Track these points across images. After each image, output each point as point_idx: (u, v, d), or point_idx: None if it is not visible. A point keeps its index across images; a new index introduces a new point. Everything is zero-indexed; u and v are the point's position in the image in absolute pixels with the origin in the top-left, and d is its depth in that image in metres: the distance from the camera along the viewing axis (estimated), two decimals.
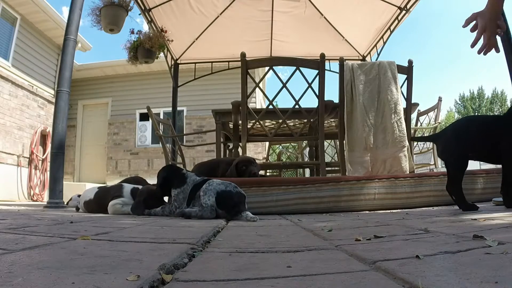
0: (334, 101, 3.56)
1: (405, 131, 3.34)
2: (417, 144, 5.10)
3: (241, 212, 2.01)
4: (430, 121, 5.20)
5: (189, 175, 2.32)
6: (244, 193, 2.15)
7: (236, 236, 1.28)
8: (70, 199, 4.34)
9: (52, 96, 8.18)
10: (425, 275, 0.58)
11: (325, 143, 5.06)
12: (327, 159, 5.64)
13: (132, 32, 5.38)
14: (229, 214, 2.03)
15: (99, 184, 6.17)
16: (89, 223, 1.67)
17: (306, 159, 6.01)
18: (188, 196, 2.22)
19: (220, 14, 5.97)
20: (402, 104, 3.42)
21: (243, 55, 3.25)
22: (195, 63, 6.75)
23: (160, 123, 5.07)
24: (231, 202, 2.03)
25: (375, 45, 6.41)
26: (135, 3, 5.04)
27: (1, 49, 7.17)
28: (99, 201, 2.74)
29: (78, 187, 7.47)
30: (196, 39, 6.34)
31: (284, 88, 3.27)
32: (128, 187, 2.73)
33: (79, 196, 4.42)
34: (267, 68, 4.05)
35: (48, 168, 5.93)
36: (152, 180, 5.13)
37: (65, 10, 15.76)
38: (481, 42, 1.58)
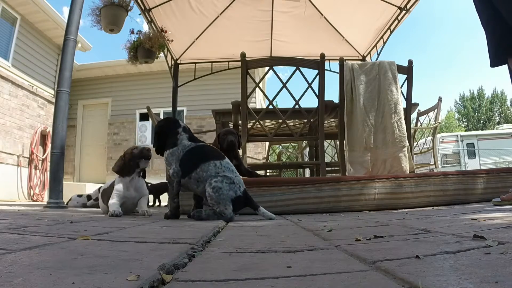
0: (334, 101, 3.56)
1: (405, 131, 3.34)
2: (417, 144, 5.11)
3: (256, 208, 2.09)
4: (430, 121, 5.20)
5: (181, 139, 2.15)
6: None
7: (236, 236, 1.27)
8: (70, 199, 4.35)
9: (52, 96, 8.18)
10: (425, 275, 0.58)
11: (325, 143, 5.06)
12: (327, 159, 5.64)
13: (132, 32, 5.37)
14: (237, 213, 2.14)
15: (99, 184, 6.17)
16: (89, 223, 1.67)
17: (306, 159, 6.01)
18: (180, 161, 2.10)
19: (220, 14, 5.96)
20: (402, 104, 3.42)
21: (243, 55, 3.25)
22: (195, 63, 6.74)
23: None
24: (242, 205, 2.09)
25: (375, 45, 6.40)
26: (135, 3, 5.03)
27: (1, 49, 7.17)
28: None
29: (78, 187, 7.48)
30: (196, 39, 6.34)
31: (284, 88, 3.27)
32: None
33: (79, 196, 4.45)
34: (267, 68, 4.04)
35: (48, 168, 5.92)
36: (153, 180, 5.14)
37: (65, 10, 15.75)
38: None
